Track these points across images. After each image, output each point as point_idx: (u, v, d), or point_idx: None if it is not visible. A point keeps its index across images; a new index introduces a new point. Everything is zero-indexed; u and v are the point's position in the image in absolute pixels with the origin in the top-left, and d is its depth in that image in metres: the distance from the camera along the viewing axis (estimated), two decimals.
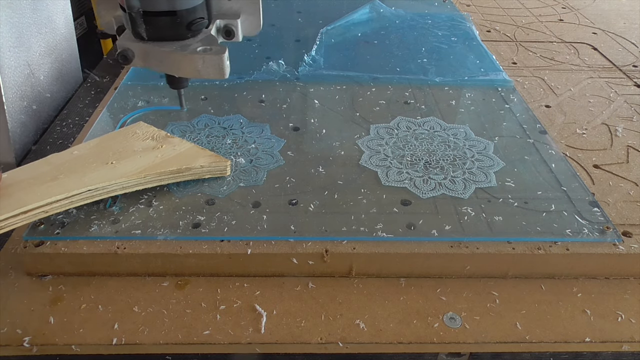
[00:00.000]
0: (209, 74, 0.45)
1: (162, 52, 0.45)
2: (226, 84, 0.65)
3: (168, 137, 0.51)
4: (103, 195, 0.44)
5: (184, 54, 0.45)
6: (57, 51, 0.69)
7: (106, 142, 0.50)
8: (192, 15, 0.46)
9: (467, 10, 0.97)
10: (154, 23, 0.45)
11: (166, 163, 0.47)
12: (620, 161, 0.56)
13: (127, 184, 0.44)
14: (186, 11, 0.45)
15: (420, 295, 0.42)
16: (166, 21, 0.45)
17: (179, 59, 0.45)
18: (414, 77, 0.68)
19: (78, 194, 0.42)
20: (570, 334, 0.39)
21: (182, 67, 0.45)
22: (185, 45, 0.45)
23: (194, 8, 0.46)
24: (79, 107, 0.66)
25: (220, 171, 0.49)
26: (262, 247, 0.42)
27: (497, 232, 0.44)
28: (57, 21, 0.68)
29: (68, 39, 0.72)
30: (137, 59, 0.46)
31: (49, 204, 0.41)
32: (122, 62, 0.46)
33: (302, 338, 0.38)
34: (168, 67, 0.46)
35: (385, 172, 0.50)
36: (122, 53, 0.46)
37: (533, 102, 0.66)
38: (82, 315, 0.39)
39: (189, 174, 0.47)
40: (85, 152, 0.47)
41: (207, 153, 0.49)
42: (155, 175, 0.46)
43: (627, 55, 0.80)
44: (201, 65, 0.44)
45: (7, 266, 0.43)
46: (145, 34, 0.45)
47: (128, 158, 0.47)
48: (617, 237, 0.44)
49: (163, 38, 0.46)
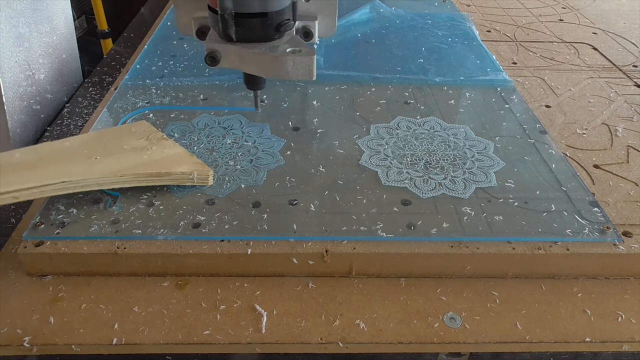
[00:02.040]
0: (297, 75, 0.46)
1: (251, 53, 0.46)
2: (226, 83, 0.65)
3: (162, 139, 0.50)
4: (77, 189, 0.43)
5: (274, 56, 0.45)
6: (57, 51, 0.69)
7: (101, 137, 0.50)
8: (281, 17, 0.46)
9: (467, 10, 0.97)
10: (245, 24, 0.45)
11: (147, 165, 0.46)
12: (620, 161, 0.56)
13: (103, 180, 0.44)
14: (276, 13, 0.46)
15: (420, 295, 0.42)
16: (257, 22, 0.46)
17: (269, 60, 0.46)
18: (414, 77, 0.68)
19: (51, 184, 0.42)
20: (571, 334, 0.39)
21: (271, 68, 0.46)
22: (274, 46, 0.46)
23: (283, 10, 0.46)
24: (79, 107, 0.66)
25: (201, 180, 0.47)
26: (262, 247, 0.42)
27: (497, 232, 0.44)
28: (57, 21, 0.68)
29: (68, 38, 0.72)
30: (223, 60, 0.47)
31: (18, 190, 0.41)
32: (210, 64, 0.47)
33: (302, 338, 0.38)
34: (256, 68, 0.47)
35: (386, 172, 0.50)
36: (210, 54, 0.46)
37: (533, 102, 0.66)
38: (82, 315, 0.39)
39: (168, 179, 0.46)
40: (77, 144, 0.48)
41: (193, 160, 0.48)
42: (132, 176, 0.45)
43: (627, 55, 0.80)
44: (291, 66, 0.45)
45: (7, 266, 0.43)
46: (234, 35, 0.46)
47: (114, 155, 0.47)
48: (617, 237, 0.44)
49: (252, 39, 0.46)
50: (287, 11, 0.47)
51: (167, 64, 0.70)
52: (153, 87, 0.64)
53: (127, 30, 0.90)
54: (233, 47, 0.46)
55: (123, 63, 0.77)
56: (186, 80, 0.66)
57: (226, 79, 0.66)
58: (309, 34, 0.53)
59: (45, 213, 0.44)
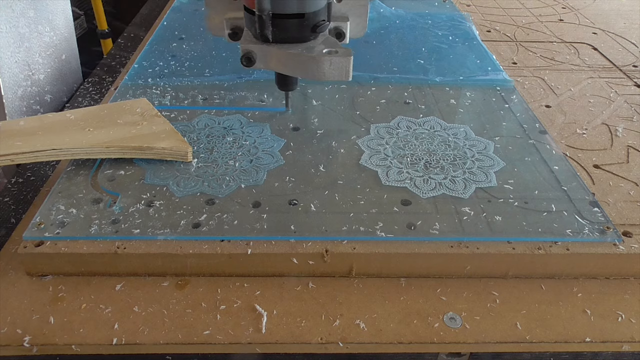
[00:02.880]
0: (333, 76, 0.45)
1: (287, 54, 0.46)
2: (226, 83, 0.65)
3: (155, 117, 0.53)
4: (67, 157, 0.48)
5: (311, 56, 0.45)
6: (57, 52, 0.69)
7: (100, 111, 0.54)
8: (317, 18, 0.46)
9: (467, 10, 0.97)
10: (282, 25, 0.45)
11: (134, 139, 0.50)
12: (620, 161, 0.56)
13: (91, 150, 0.48)
14: (313, 14, 0.46)
15: (420, 295, 0.42)
16: (294, 23, 0.46)
17: (306, 61, 0.46)
18: (414, 77, 0.68)
19: (42, 150, 0.46)
20: (570, 334, 0.39)
21: (307, 69, 0.46)
22: (310, 47, 0.46)
23: (319, 10, 0.47)
24: (79, 107, 0.66)
25: (181, 156, 0.50)
26: (262, 247, 0.42)
27: (497, 232, 0.44)
28: (57, 21, 0.68)
29: (68, 38, 0.72)
30: (259, 61, 0.47)
31: (15, 153, 0.46)
32: (246, 64, 0.47)
33: (302, 338, 0.38)
34: (292, 69, 0.47)
35: (386, 172, 0.50)
36: (246, 55, 0.47)
37: (533, 102, 0.66)
38: (82, 315, 0.39)
39: (151, 153, 0.49)
40: (78, 116, 0.52)
41: (177, 137, 0.51)
42: (117, 148, 0.48)
43: (627, 55, 0.80)
44: (328, 67, 0.45)
45: (7, 266, 0.43)
46: (271, 36, 0.46)
47: (105, 128, 0.50)
48: (617, 237, 0.44)
49: (288, 40, 0.46)
50: (323, 12, 0.47)
51: (167, 64, 0.70)
52: (153, 87, 0.64)
53: (127, 30, 0.90)
54: (269, 48, 0.47)
55: (123, 63, 0.77)
56: (186, 80, 0.66)
57: (226, 79, 0.66)
58: (341, 35, 0.53)
59: (45, 213, 0.44)
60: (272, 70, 0.51)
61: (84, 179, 0.48)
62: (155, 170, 0.49)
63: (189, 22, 0.83)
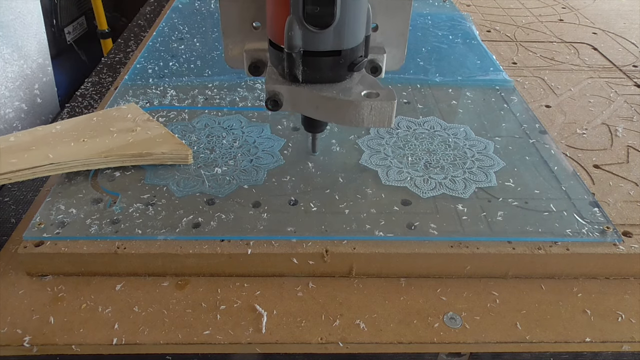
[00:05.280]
0: (373, 123, 0.39)
1: (320, 97, 0.40)
2: (226, 83, 0.65)
3: (148, 121, 0.52)
4: (65, 170, 0.46)
5: (348, 100, 0.39)
6: (28, 82, 0.62)
7: (89, 120, 0.52)
8: (355, 55, 0.40)
9: (467, 10, 0.97)
10: (315, 64, 0.40)
11: (131, 146, 0.48)
12: (620, 161, 0.56)
13: (89, 161, 0.47)
14: (351, 50, 0.40)
15: (420, 295, 0.42)
16: (328, 62, 0.40)
17: (341, 105, 0.39)
18: (414, 77, 0.68)
19: (40, 166, 0.45)
20: (570, 334, 0.39)
21: (343, 114, 0.40)
22: (346, 88, 0.40)
23: (357, 46, 0.41)
24: (79, 107, 0.66)
25: (181, 159, 0.49)
26: (262, 247, 0.42)
27: (497, 232, 0.44)
28: (28, 47, 0.61)
29: (42, 66, 0.65)
30: (286, 104, 0.41)
31: (11, 172, 0.44)
32: (272, 108, 0.41)
33: (302, 338, 0.38)
34: (325, 113, 0.41)
35: (386, 172, 0.50)
36: (272, 98, 0.41)
37: (533, 102, 0.66)
38: (82, 315, 0.39)
39: (151, 159, 0.49)
40: (68, 127, 0.50)
41: (175, 141, 0.51)
42: (117, 157, 0.47)
43: (627, 55, 0.80)
44: (367, 113, 0.39)
45: (7, 266, 0.43)
46: (301, 76, 0.40)
47: (100, 137, 0.49)
48: (617, 237, 0.44)
49: (320, 80, 0.41)
50: (361, 47, 0.41)
51: (167, 64, 0.70)
52: (153, 87, 0.64)
53: (127, 30, 0.90)
54: (299, 89, 0.41)
55: (123, 63, 0.77)
56: (186, 80, 0.66)
57: (226, 79, 0.66)
58: (377, 69, 0.46)
59: (45, 213, 0.44)
60: (304, 114, 0.45)
61: (84, 179, 0.48)
62: (155, 171, 0.49)
63: (189, 22, 0.83)
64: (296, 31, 0.38)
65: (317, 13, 0.38)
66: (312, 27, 0.38)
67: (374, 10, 0.43)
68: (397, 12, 0.45)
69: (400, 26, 0.46)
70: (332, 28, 0.38)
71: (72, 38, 1.26)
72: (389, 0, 0.45)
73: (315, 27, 0.38)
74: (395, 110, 0.39)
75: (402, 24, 0.46)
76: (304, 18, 0.38)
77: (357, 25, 0.40)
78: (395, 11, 0.45)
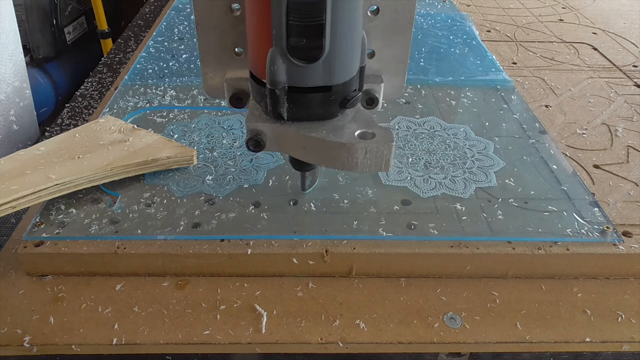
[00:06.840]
0: (368, 167, 0.35)
1: (308, 138, 0.35)
2: None
3: (135, 130, 0.51)
4: (71, 189, 0.44)
5: (339, 142, 0.34)
6: (2, 107, 0.57)
7: (72, 137, 0.50)
8: (347, 89, 0.35)
9: (467, 10, 0.97)
10: (302, 101, 0.35)
11: (133, 155, 0.47)
12: (620, 161, 0.56)
13: (95, 177, 0.45)
14: (342, 85, 0.35)
15: (420, 295, 0.42)
16: (317, 98, 0.35)
17: (332, 147, 0.35)
18: (414, 77, 0.68)
19: (45, 188, 0.43)
20: (570, 334, 0.39)
21: (335, 158, 0.35)
22: (337, 127, 0.36)
23: (351, 80, 0.35)
24: (79, 107, 0.66)
25: (186, 161, 0.49)
26: (262, 247, 0.42)
27: (497, 232, 0.44)
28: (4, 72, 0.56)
29: (18, 90, 0.59)
30: (270, 144, 0.37)
31: (15, 199, 0.41)
32: (254, 149, 0.37)
33: (302, 338, 0.38)
34: (314, 155, 0.37)
35: (386, 172, 0.50)
36: (254, 138, 0.36)
37: (533, 102, 0.66)
38: (82, 315, 0.39)
39: (155, 165, 0.48)
40: (52, 148, 0.48)
41: (174, 144, 0.50)
42: (121, 167, 0.46)
43: (627, 55, 0.80)
44: (362, 157, 0.34)
45: (7, 266, 0.43)
46: (286, 114, 0.36)
47: (95, 152, 0.47)
48: (617, 237, 0.44)
49: (309, 117, 0.36)
50: (354, 81, 0.36)
51: (167, 64, 0.70)
52: (153, 87, 0.64)
53: (127, 30, 0.90)
54: (284, 128, 0.36)
55: (123, 63, 0.77)
56: (186, 80, 0.66)
57: None
58: (373, 101, 0.40)
59: (45, 213, 0.44)
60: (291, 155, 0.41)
61: None
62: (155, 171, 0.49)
63: (189, 22, 0.83)
64: (279, 65, 0.33)
65: (303, 45, 0.33)
66: (298, 61, 0.33)
67: (370, 35, 0.38)
68: (396, 37, 0.40)
69: (399, 52, 0.40)
70: (320, 61, 0.33)
71: (72, 38, 1.26)
72: (387, 24, 0.39)
73: (301, 61, 0.33)
74: (393, 153, 0.35)
75: (402, 50, 0.40)
76: (288, 51, 0.33)
77: (350, 57, 0.35)
78: (394, 36, 0.40)
